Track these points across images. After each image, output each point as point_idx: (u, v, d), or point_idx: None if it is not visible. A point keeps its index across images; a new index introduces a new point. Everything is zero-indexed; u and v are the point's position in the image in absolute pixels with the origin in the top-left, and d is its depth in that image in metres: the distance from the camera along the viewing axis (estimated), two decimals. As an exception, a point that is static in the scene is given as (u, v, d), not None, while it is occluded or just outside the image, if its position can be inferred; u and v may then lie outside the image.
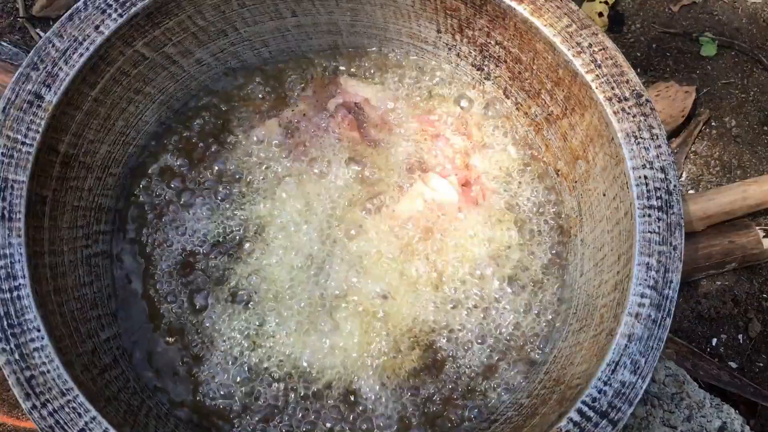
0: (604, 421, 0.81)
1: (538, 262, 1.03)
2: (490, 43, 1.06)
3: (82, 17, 0.94)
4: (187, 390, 0.95)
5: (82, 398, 0.79)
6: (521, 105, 1.09)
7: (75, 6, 0.94)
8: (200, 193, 1.04)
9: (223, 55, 1.09)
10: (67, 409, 0.78)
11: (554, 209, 1.06)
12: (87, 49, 0.93)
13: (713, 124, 1.62)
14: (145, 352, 0.97)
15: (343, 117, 1.08)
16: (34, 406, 0.77)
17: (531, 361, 0.98)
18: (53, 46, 0.92)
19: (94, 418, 0.78)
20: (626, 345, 0.85)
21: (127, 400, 0.87)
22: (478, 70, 1.11)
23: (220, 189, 1.04)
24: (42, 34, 1.61)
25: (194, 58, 1.07)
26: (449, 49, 1.10)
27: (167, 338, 0.97)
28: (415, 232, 1.02)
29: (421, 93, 1.12)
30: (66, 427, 0.77)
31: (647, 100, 0.95)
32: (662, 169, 0.92)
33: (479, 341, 0.99)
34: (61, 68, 0.91)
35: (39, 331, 0.81)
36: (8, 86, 0.90)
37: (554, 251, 1.04)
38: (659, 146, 0.93)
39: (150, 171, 1.05)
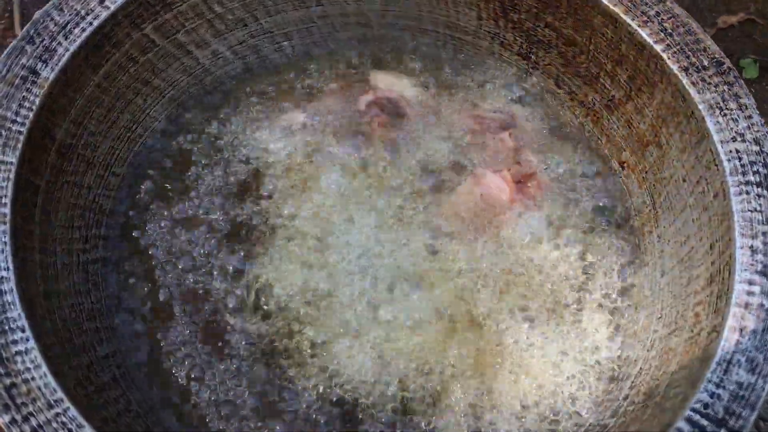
0: (722, 431, 0.65)
1: (606, 265, 0.89)
2: (538, 26, 0.95)
3: (85, -10, 0.83)
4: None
5: (74, 411, 0.63)
6: (576, 94, 0.97)
7: (78, -22, 0.84)
8: (213, 200, 0.91)
9: (242, 48, 0.98)
10: (54, 424, 0.62)
11: (621, 206, 0.93)
12: (90, 24, 0.82)
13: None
14: (149, 377, 0.81)
15: (374, 116, 0.96)
16: (13, 420, 0.62)
17: (610, 378, 0.82)
18: (52, 19, 0.81)
19: (87, 436, 0.62)
20: (738, 341, 0.70)
21: (128, 425, 0.71)
22: (524, 59, 1.00)
23: (238, 200, 0.91)
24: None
25: (210, 49, 0.96)
26: (492, 37, 1.00)
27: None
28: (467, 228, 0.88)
29: (462, 88, 1.00)
30: (52, 446, 0.61)
31: (729, 68, 0.83)
32: (756, 141, 0.79)
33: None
34: (60, 43, 0.80)
35: (24, 332, 0.66)
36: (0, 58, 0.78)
37: (625, 252, 0.90)
38: (750, 116, 0.80)
39: (158, 173, 0.92)
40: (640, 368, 0.80)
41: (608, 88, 0.93)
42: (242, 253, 0.86)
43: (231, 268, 0.86)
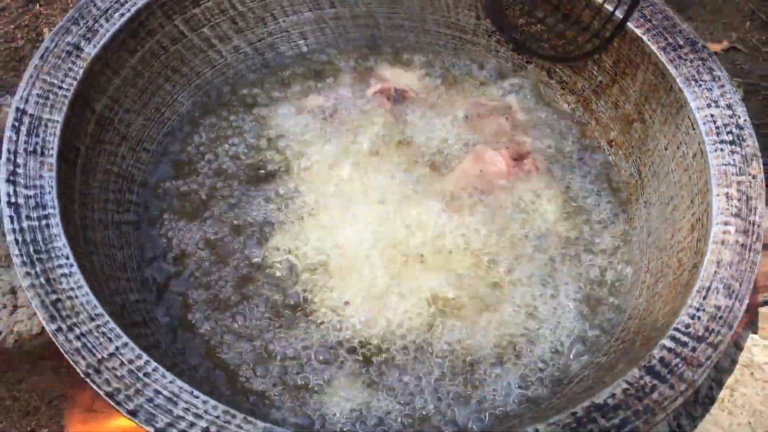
0: (702, 345, 0.72)
1: (599, 233, 0.95)
2: (530, 21, 1.05)
3: (124, -18, 0.93)
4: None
5: (112, 324, 0.70)
6: (566, 83, 1.06)
7: (118, -28, 0.94)
8: (233, 182, 0.98)
9: (261, 45, 1.08)
10: (96, 334, 0.69)
11: (611, 179, 1.00)
12: (128, 10, 0.92)
13: (750, 162, 1.59)
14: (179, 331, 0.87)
15: (381, 102, 1.05)
16: (59, 329, 0.68)
17: (602, 328, 0.88)
18: (95, 5, 0.91)
19: (126, 344, 0.69)
20: (716, 271, 0.76)
21: (159, 359, 0.77)
22: (519, 54, 1.09)
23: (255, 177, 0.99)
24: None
25: (232, 44, 1.06)
26: (489, 35, 1.09)
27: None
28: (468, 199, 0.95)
29: (463, 80, 1.09)
30: (95, 350, 0.68)
31: (703, 46, 0.92)
32: (729, 106, 0.87)
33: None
34: (101, 25, 0.90)
35: (68, 258, 0.73)
36: (47, 37, 0.88)
37: (615, 221, 0.97)
38: (723, 86, 0.89)
39: (184, 152, 1.00)
40: (630, 314, 0.86)
41: (595, 75, 1.02)
42: (263, 218, 0.93)
43: (253, 236, 0.92)
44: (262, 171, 0.98)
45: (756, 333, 0.98)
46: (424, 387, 0.82)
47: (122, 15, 0.91)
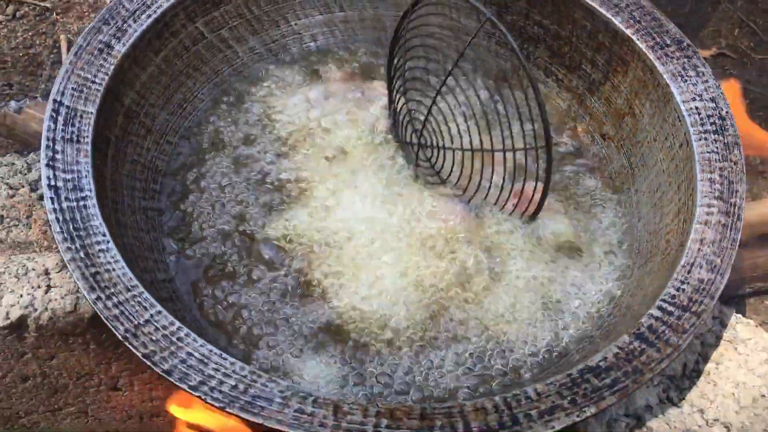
0: (686, 314, 0.78)
1: (593, 222, 1.02)
2: (528, 24, 1.12)
3: (151, -14, 1.00)
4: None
5: (147, 294, 0.76)
6: (562, 81, 1.13)
7: (145, -23, 1.01)
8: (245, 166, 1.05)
9: (275, 46, 1.15)
10: (132, 303, 0.75)
11: (604, 171, 1.07)
12: (155, 11, 0.99)
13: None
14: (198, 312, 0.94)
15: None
16: (98, 298, 0.75)
17: (597, 305, 0.95)
18: (123, 7, 0.98)
19: (159, 312, 0.75)
20: (699, 249, 0.83)
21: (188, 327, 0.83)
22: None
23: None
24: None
25: (248, 45, 1.12)
26: (489, 37, 1.16)
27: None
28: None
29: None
30: (132, 317, 0.74)
31: (689, 45, 0.99)
32: (712, 100, 0.94)
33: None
34: (130, 25, 0.97)
35: (104, 236, 0.80)
36: (80, 36, 0.95)
37: (608, 210, 1.03)
38: (706, 81, 0.96)
39: (204, 144, 1.06)
40: (622, 292, 0.93)
41: (589, 73, 1.09)
42: (271, 206, 1.00)
43: (260, 221, 0.99)
44: (273, 163, 1.04)
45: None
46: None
47: (149, 16, 0.98)
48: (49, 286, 0.93)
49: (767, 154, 1.55)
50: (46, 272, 0.95)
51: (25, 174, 1.03)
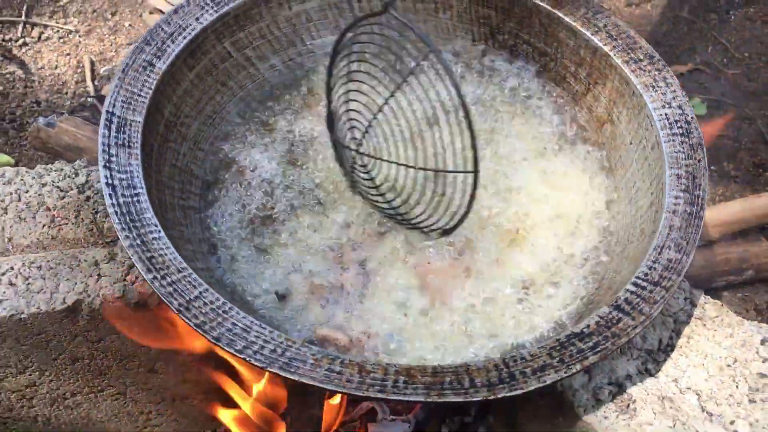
0: (657, 288, 0.91)
1: (578, 213, 1.15)
2: (518, 42, 1.26)
3: (185, 11, 1.14)
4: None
5: (195, 275, 0.89)
6: (549, 93, 1.26)
7: (179, 3, 1.15)
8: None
9: (292, 63, 1.28)
10: (183, 282, 0.88)
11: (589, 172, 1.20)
12: (189, 33, 1.12)
13: (713, 168, 1.80)
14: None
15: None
16: (154, 278, 0.87)
17: (584, 286, 1.08)
18: (162, 30, 1.11)
19: (206, 290, 0.88)
20: (668, 234, 0.96)
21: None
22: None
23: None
24: (109, 111, 1.81)
25: (269, 63, 1.26)
26: (483, 55, 1.30)
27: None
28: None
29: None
30: (183, 293, 0.87)
31: (659, 59, 1.13)
32: (679, 107, 1.08)
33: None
34: (168, 45, 1.10)
35: (156, 226, 0.92)
36: (126, 55, 1.08)
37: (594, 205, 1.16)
38: (674, 91, 1.10)
39: (231, 150, 1.19)
40: (603, 276, 1.06)
41: (572, 85, 1.23)
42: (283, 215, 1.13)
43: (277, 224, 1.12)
44: (293, 168, 1.17)
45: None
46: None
47: (184, 38, 1.12)
48: (99, 275, 1.06)
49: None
50: (96, 263, 1.07)
51: (73, 178, 1.15)
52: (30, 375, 1.12)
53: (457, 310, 1.03)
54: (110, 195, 0.94)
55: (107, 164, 0.96)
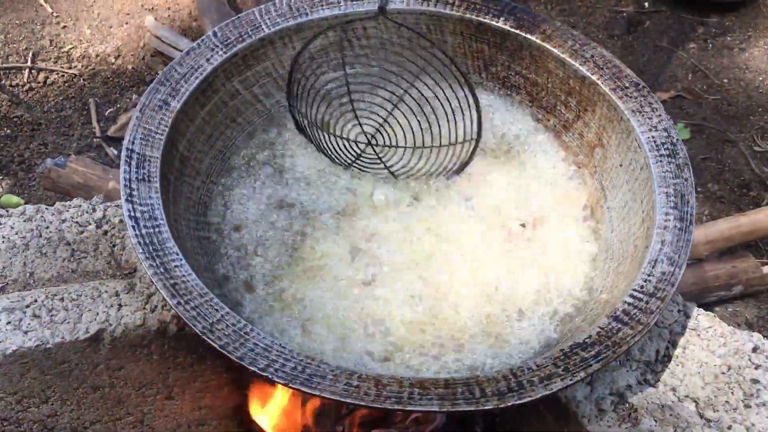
0: (653, 299, 0.97)
1: (575, 234, 1.21)
2: (510, 74, 1.33)
3: (196, 53, 1.20)
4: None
5: (217, 300, 0.94)
6: (540, 120, 1.33)
7: (191, 46, 1.21)
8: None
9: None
10: (206, 306, 0.93)
11: (580, 194, 1.26)
12: (201, 74, 1.18)
13: (699, 189, 1.87)
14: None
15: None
16: (179, 303, 0.92)
17: (582, 300, 1.13)
18: (176, 71, 1.18)
19: (228, 313, 0.93)
20: (660, 248, 1.02)
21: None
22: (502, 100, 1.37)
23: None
24: (116, 152, 1.87)
25: (274, 99, 1.32)
26: (477, 86, 1.37)
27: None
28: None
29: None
30: (207, 317, 0.92)
31: (644, 86, 1.20)
32: (665, 130, 1.15)
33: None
34: (182, 85, 1.16)
35: (178, 254, 0.97)
36: (143, 95, 1.14)
37: (587, 225, 1.22)
38: (660, 115, 1.17)
39: (240, 184, 1.25)
40: (600, 290, 1.12)
41: (563, 113, 1.30)
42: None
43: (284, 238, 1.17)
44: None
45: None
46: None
47: (196, 78, 1.18)
48: (120, 305, 1.11)
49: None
50: (116, 294, 1.12)
51: (91, 213, 1.20)
52: (52, 405, 1.16)
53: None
54: (134, 227, 0.99)
55: (129, 198, 1.02)
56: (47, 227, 1.19)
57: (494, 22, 1.30)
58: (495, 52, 1.33)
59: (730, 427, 1.04)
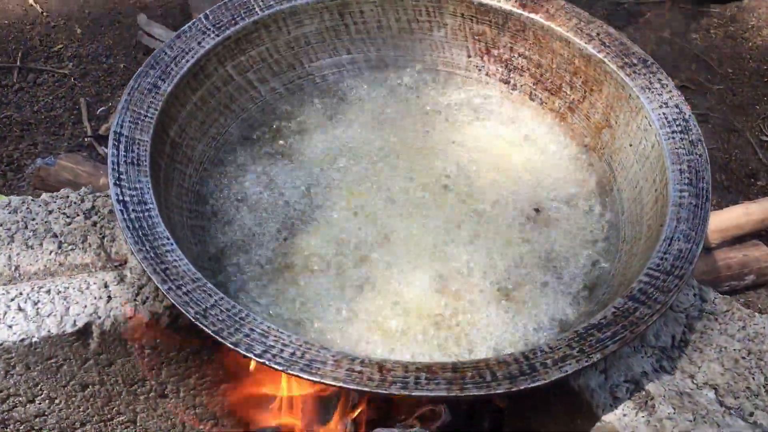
0: (670, 277, 0.92)
1: (583, 218, 1.16)
2: (513, 56, 1.29)
3: (187, 36, 1.16)
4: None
5: (210, 285, 0.89)
6: (546, 103, 1.29)
7: (181, 29, 1.17)
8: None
9: (292, 86, 1.30)
10: (198, 291, 0.88)
11: (589, 177, 1.22)
12: (192, 57, 1.14)
13: (706, 180, 1.82)
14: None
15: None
16: (170, 288, 0.87)
17: (595, 285, 1.08)
18: (166, 54, 1.13)
19: (222, 298, 0.88)
20: (676, 226, 0.98)
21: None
22: (505, 83, 1.32)
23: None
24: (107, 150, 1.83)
25: (270, 86, 1.28)
26: (479, 70, 1.33)
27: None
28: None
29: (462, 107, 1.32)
30: (200, 302, 0.86)
31: (653, 63, 1.16)
32: (676, 106, 1.10)
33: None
34: (172, 69, 1.12)
35: (169, 239, 0.92)
36: (132, 78, 1.09)
37: (597, 208, 1.17)
38: (670, 91, 1.12)
39: (233, 173, 1.20)
40: (613, 273, 1.07)
41: (569, 94, 1.25)
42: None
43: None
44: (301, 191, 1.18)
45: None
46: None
47: (187, 61, 1.13)
48: (110, 297, 1.05)
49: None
50: (106, 285, 1.07)
51: (79, 204, 1.15)
52: (39, 404, 1.11)
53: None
54: (122, 211, 0.94)
55: (117, 182, 0.97)
56: (33, 219, 1.14)
57: (496, 3, 1.26)
58: (497, 34, 1.29)
59: (752, 414, 0.99)
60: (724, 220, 1.54)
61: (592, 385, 1.01)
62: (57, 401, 1.11)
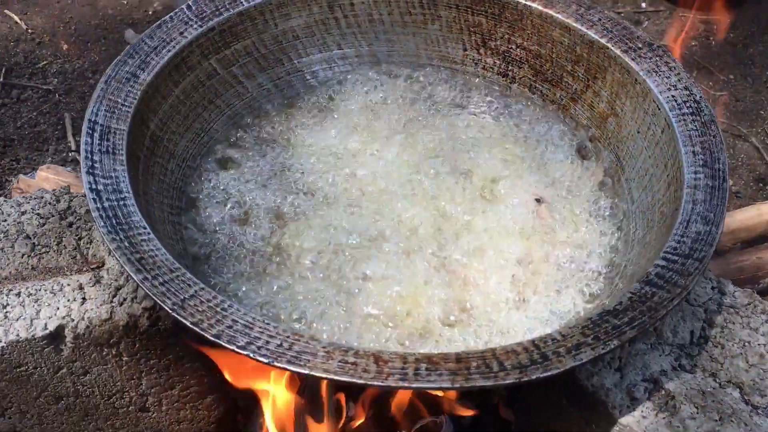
0: (690, 260, 0.85)
1: (595, 210, 1.09)
2: (511, 48, 1.23)
3: (169, 26, 1.10)
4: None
5: (189, 274, 0.81)
6: (547, 95, 1.23)
7: (163, 19, 1.11)
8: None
9: (280, 82, 1.24)
10: (176, 282, 0.80)
11: (596, 168, 1.15)
12: (174, 47, 1.08)
13: (713, 186, 1.76)
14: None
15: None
16: (145, 278, 0.80)
17: (607, 277, 1.01)
18: (146, 43, 1.07)
19: (202, 288, 0.80)
20: (692, 208, 0.91)
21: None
22: (504, 77, 1.26)
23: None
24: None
25: (256, 81, 1.22)
26: (475, 63, 1.27)
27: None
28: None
29: (458, 105, 1.25)
30: (177, 293, 0.79)
31: (659, 46, 1.10)
32: (686, 88, 1.04)
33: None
34: (152, 58, 1.06)
35: (145, 228, 0.85)
36: (109, 67, 1.03)
37: (605, 201, 1.11)
38: (678, 74, 1.06)
39: (218, 170, 1.13)
40: (625, 264, 1.00)
41: (570, 84, 1.19)
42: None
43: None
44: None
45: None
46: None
47: (168, 51, 1.07)
48: (84, 299, 0.98)
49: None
50: (80, 287, 0.99)
51: (54, 205, 1.08)
52: (10, 418, 1.02)
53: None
54: (94, 200, 0.87)
55: (90, 170, 0.90)
56: (5, 220, 1.07)
57: (491, -9, 1.20)
58: (494, 25, 1.23)
59: (781, 413, 0.91)
60: (736, 221, 1.48)
61: (607, 384, 0.94)
62: (28, 415, 1.03)
